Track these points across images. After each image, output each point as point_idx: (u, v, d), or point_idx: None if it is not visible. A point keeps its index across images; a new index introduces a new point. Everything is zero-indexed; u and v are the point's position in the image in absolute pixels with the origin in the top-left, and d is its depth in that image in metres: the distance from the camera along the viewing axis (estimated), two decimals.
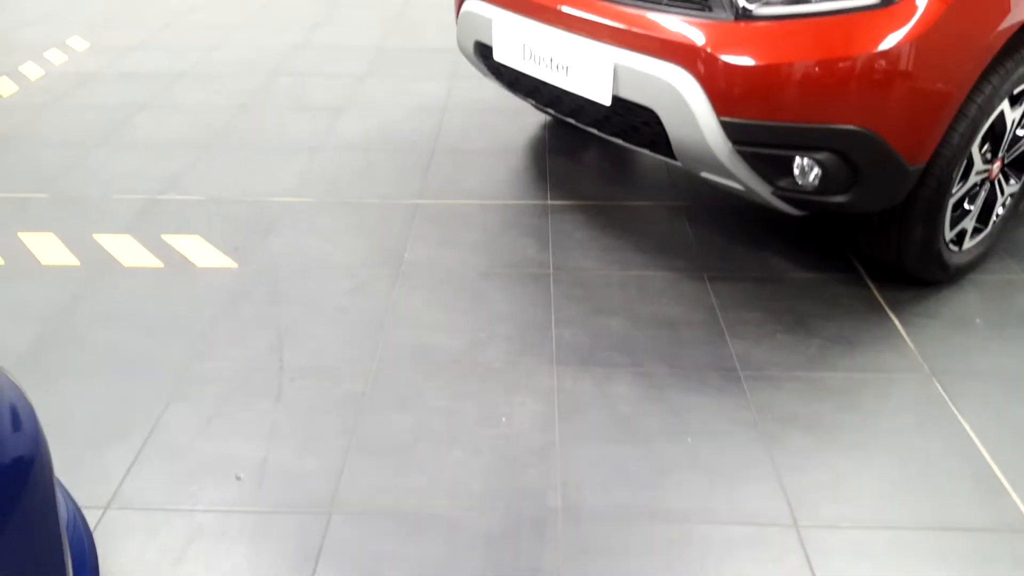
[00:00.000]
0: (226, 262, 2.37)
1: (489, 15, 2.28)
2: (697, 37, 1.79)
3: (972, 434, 1.74)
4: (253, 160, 2.99)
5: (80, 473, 1.66)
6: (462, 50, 2.58)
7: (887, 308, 2.13)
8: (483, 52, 2.42)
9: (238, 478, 1.65)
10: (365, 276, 2.30)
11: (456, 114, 3.39)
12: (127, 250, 2.43)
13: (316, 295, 2.22)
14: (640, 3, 1.91)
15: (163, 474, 1.67)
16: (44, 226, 2.56)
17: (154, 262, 2.37)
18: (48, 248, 2.44)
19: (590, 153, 3.06)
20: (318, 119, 3.34)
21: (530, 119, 3.32)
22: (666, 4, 1.87)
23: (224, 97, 3.57)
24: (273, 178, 2.85)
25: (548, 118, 3.32)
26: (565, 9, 2.04)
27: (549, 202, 2.69)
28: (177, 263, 2.37)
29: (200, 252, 2.42)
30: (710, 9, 1.80)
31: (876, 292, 2.20)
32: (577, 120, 2.30)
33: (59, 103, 3.52)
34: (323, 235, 2.51)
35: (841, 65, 1.68)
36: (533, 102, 2.48)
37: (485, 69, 2.53)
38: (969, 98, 1.82)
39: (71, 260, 2.38)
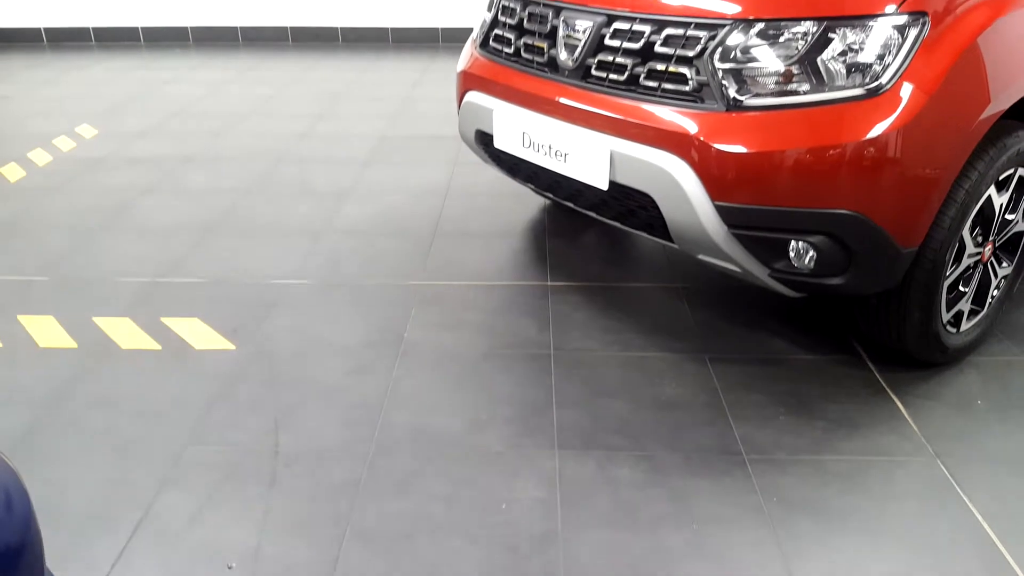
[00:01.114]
0: (224, 344, 2.36)
1: (490, 105, 2.36)
2: (690, 126, 1.86)
3: (980, 518, 1.70)
4: (256, 243, 3.03)
5: (68, 560, 1.61)
6: (464, 138, 2.66)
7: (889, 390, 2.12)
8: (484, 140, 2.49)
9: (229, 567, 1.60)
10: (364, 358, 2.29)
11: (457, 198, 3.46)
12: (125, 333, 2.43)
13: (314, 377, 2.21)
14: (635, 95, 1.98)
15: (153, 562, 1.61)
16: (44, 309, 2.57)
17: (152, 344, 2.37)
18: (47, 331, 2.44)
19: (589, 236, 3.11)
20: (321, 204, 3.40)
21: (530, 203, 3.39)
22: (660, 95, 1.94)
23: (228, 182, 3.65)
24: (275, 261, 2.88)
25: (547, 202, 3.39)
26: (563, 100, 2.12)
27: (549, 283, 2.72)
28: (175, 345, 2.36)
29: (198, 334, 2.42)
30: (702, 100, 1.87)
31: (877, 374, 2.19)
32: (575, 204, 2.35)
33: (64, 188, 3.59)
34: (323, 317, 2.52)
35: (830, 152, 1.74)
36: (533, 187, 2.54)
37: (486, 156, 2.61)
38: (956, 184, 1.87)
39: (69, 343, 2.38)
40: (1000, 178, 1.99)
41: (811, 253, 1.86)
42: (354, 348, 2.34)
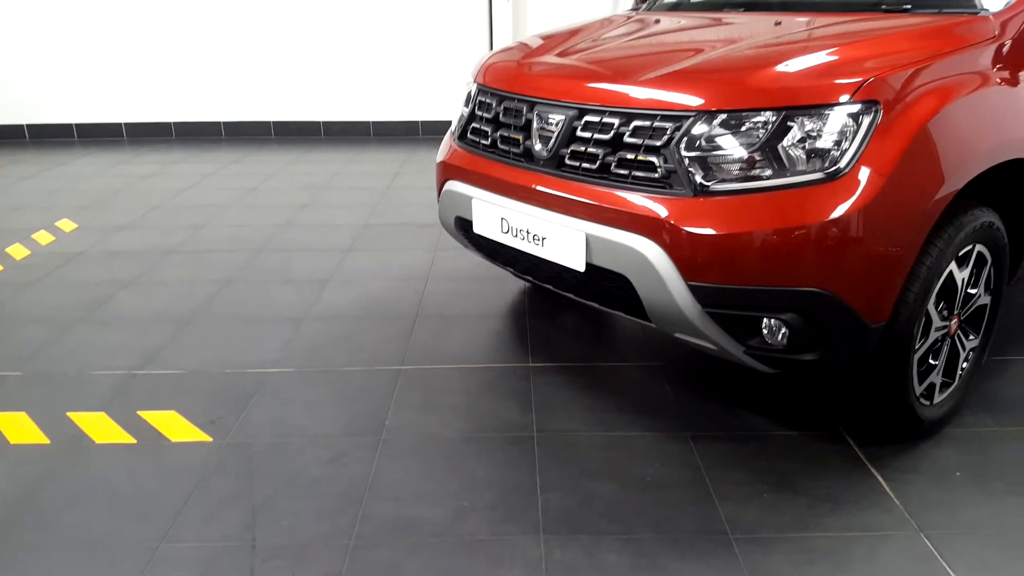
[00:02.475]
0: (201, 436, 2.33)
1: (469, 193, 2.44)
2: (661, 211, 1.93)
3: None
4: (236, 332, 3.03)
5: None
6: (444, 225, 2.73)
7: (869, 464, 2.14)
8: (463, 226, 2.56)
9: None
10: (345, 446, 2.27)
11: (438, 283, 3.51)
12: (100, 427, 2.39)
13: (293, 468, 2.17)
14: (608, 182, 2.07)
15: None
16: (17, 405, 2.52)
17: (127, 439, 2.33)
18: (19, 427, 2.40)
19: (568, 317, 3.15)
20: (303, 291, 3.43)
21: (509, 286, 3.44)
22: (631, 182, 2.02)
23: (209, 273, 3.67)
24: (255, 349, 2.88)
25: (527, 284, 3.44)
26: (539, 188, 2.20)
27: (531, 364, 2.73)
28: (151, 439, 2.33)
29: (175, 427, 2.38)
30: (671, 186, 1.95)
31: (857, 448, 2.21)
32: (554, 286, 2.40)
33: (42, 282, 3.58)
34: (303, 405, 2.50)
35: (795, 233, 1.81)
36: (512, 270, 2.60)
37: (465, 241, 2.67)
38: (918, 260, 1.95)
39: (41, 439, 2.33)
40: (960, 254, 2.07)
41: (783, 330, 1.91)
42: (334, 437, 2.32)
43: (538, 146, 2.24)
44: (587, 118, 2.12)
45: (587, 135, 2.12)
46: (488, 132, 2.46)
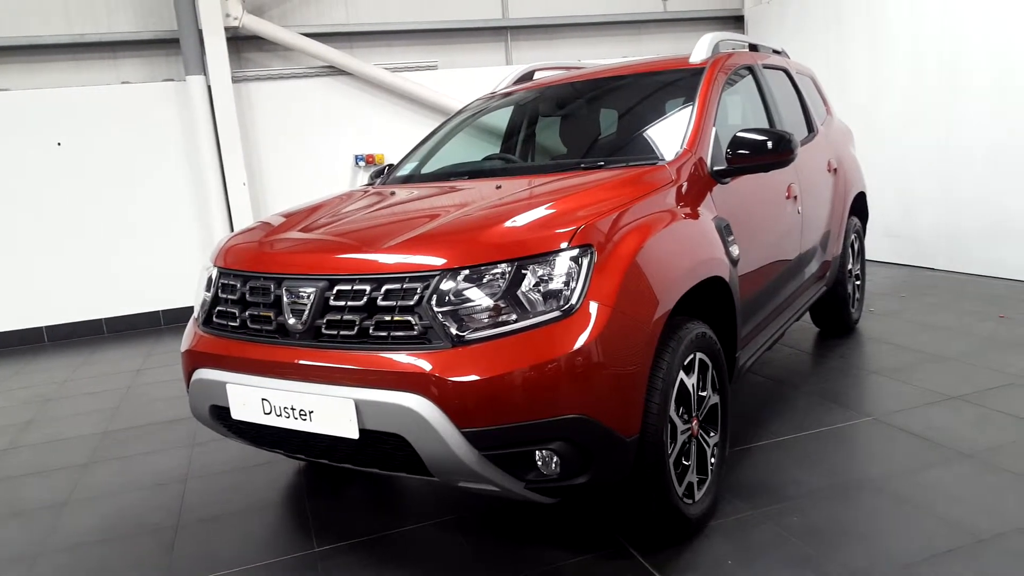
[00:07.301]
0: None
1: (222, 379, 2.33)
2: (424, 365, 2.00)
3: None
4: None
5: None
6: (198, 417, 2.54)
7: (655, 572, 2.26)
8: (220, 415, 2.41)
9: None
10: None
11: (199, 482, 3.20)
12: None
13: None
14: (369, 345, 2.10)
15: None
16: None
17: None
18: None
19: (352, 488, 3.02)
20: (35, 522, 2.93)
21: (282, 468, 3.24)
22: (391, 343, 2.08)
23: None
24: None
25: (302, 463, 3.27)
26: (300, 362, 2.17)
27: (316, 550, 2.55)
28: None
29: None
30: (430, 341, 2.04)
31: (641, 559, 2.33)
32: (330, 459, 2.31)
33: None
34: None
35: (547, 367, 1.97)
36: (282, 452, 2.47)
37: (225, 430, 2.50)
38: (653, 374, 2.20)
39: None
40: (685, 363, 2.37)
41: (555, 459, 2.02)
42: None
43: (292, 320, 2.23)
44: (339, 287, 2.17)
45: (341, 303, 2.16)
46: (236, 313, 2.40)
